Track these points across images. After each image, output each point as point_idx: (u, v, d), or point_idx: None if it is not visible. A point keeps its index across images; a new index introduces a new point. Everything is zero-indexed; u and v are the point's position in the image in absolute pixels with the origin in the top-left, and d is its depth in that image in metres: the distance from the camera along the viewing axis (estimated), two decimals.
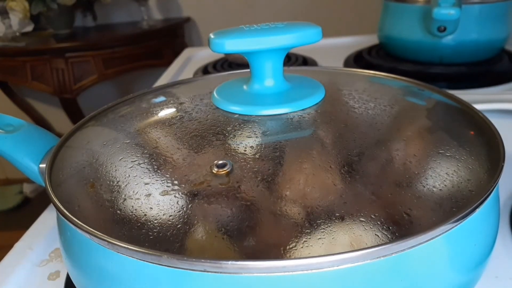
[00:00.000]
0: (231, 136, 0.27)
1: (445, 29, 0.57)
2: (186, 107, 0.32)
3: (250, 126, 0.27)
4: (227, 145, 0.27)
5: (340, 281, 0.19)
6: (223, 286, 0.19)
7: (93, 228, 0.22)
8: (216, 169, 0.26)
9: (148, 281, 0.20)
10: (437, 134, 0.35)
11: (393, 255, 0.19)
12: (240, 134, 0.27)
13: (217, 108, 0.29)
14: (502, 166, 0.25)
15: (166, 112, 0.32)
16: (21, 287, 0.31)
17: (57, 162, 0.30)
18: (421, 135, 0.30)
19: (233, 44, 0.27)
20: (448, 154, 0.34)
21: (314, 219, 0.27)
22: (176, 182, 0.26)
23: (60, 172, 0.29)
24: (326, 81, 0.31)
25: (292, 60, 0.73)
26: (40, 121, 1.89)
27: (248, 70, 0.31)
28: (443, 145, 0.35)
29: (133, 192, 0.27)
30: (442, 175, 0.30)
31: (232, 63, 0.72)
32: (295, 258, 0.22)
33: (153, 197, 0.26)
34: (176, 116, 0.31)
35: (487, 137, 0.29)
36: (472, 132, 0.31)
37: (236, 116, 0.28)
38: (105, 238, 0.21)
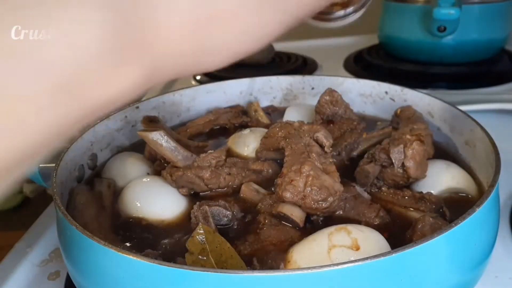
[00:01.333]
0: None
1: (445, 29, 0.57)
2: None
3: None
4: None
5: (340, 281, 0.19)
6: (223, 285, 0.19)
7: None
8: None
9: (148, 280, 0.20)
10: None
11: (393, 254, 0.19)
12: None
13: None
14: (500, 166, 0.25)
15: None
16: (21, 287, 0.31)
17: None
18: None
19: None
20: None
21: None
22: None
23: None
24: None
25: (292, 60, 0.72)
26: None
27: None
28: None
29: None
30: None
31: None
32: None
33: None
34: None
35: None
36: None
37: None
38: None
